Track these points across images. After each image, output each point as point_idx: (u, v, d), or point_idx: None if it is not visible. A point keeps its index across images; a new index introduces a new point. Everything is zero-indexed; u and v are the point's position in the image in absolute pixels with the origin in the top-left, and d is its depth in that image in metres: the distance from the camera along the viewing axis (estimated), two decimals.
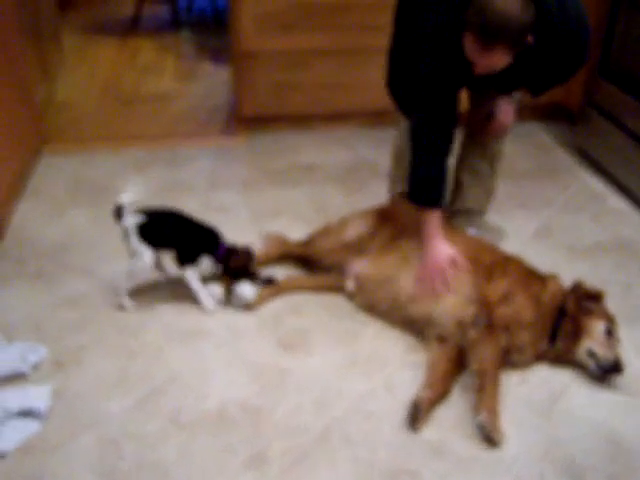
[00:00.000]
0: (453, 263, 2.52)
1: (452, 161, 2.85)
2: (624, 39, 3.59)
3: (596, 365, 2.36)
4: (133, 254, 2.59)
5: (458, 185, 3.10)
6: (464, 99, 2.72)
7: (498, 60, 2.28)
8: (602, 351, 2.35)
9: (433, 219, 2.57)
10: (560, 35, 2.41)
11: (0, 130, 3.15)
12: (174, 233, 2.64)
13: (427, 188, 2.58)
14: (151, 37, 5.92)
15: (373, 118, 2.82)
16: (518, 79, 2.62)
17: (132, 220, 2.57)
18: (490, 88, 2.74)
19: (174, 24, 6.23)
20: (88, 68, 5.17)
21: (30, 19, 3.89)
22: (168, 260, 2.65)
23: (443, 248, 2.55)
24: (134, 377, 2.37)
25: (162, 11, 6.41)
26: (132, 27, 6.09)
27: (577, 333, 2.39)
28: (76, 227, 3.18)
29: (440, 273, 2.50)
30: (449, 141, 2.54)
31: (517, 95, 2.80)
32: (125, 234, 2.58)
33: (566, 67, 2.57)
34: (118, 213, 2.59)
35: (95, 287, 2.79)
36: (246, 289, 2.63)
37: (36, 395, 2.26)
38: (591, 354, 2.37)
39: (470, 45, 2.27)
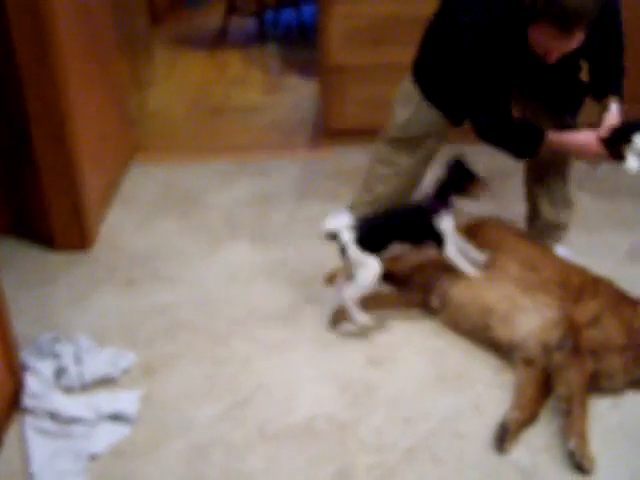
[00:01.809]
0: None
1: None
2: None
3: None
4: (357, 267, 2.55)
5: (531, 199, 3.04)
6: None
7: (575, 42, 2.28)
8: None
9: (554, 136, 2.53)
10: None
11: (93, 138, 3.25)
12: (394, 228, 2.63)
13: (529, 138, 2.55)
14: (238, 50, 6.02)
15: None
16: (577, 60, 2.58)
17: (347, 235, 2.53)
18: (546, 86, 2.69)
19: (261, 37, 6.30)
20: (178, 80, 5.30)
21: (125, 34, 4.01)
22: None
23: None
24: (222, 386, 2.40)
25: (249, 24, 6.50)
26: (219, 40, 6.20)
27: None
28: (165, 236, 3.25)
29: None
30: (509, 108, 2.55)
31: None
32: (343, 251, 2.55)
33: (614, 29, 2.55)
34: (331, 236, 2.57)
35: (184, 295, 2.84)
36: None
37: (126, 400, 2.32)
38: None
39: (544, 35, 2.26)
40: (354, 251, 2.51)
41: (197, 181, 3.74)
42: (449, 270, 2.63)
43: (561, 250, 3.02)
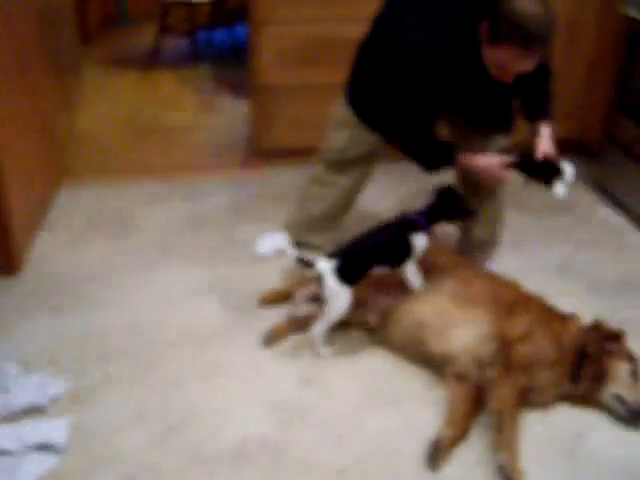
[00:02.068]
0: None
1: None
2: None
3: (625, 409, 2.33)
4: (332, 299, 2.51)
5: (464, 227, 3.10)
6: None
7: (535, 62, 2.38)
8: (630, 395, 2.32)
9: (460, 160, 2.66)
10: None
11: (21, 161, 3.18)
12: (372, 255, 2.59)
13: (440, 155, 2.67)
14: (171, 70, 5.98)
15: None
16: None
17: (326, 265, 2.49)
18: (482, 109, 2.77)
19: (194, 57, 6.29)
20: (108, 100, 5.23)
21: (52, 52, 3.94)
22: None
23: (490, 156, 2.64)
24: (153, 412, 2.36)
25: (182, 44, 6.48)
26: (152, 60, 6.16)
27: (600, 376, 2.36)
28: (96, 259, 3.20)
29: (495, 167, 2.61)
30: (430, 126, 2.66)
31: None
32: (320, 280, 2.51)
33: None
34: (304, 263, 2.55)
35: (115, 320, 2.79)
36: None
37: (54, 429, 2.26)
38: (618, 398, 2.34)
39: (507, 56, 2.34)
40: (332, 282, 2.48)
41: (128, 203, 3.69)
42: (385, 288, 2.65)
43: (491, 266, 3.07)
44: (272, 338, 2.67)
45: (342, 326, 2.68)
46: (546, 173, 2.66)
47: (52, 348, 2.63)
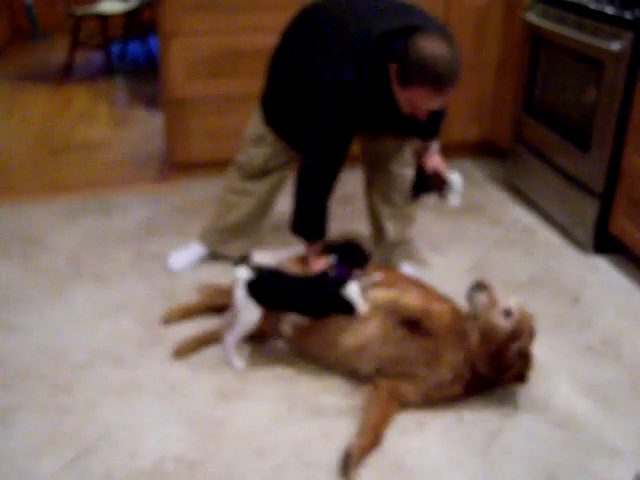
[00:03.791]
0: None
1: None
2: (545, 78, 3.70)
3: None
4: (240, 309, 2.49)
5: (376, 219, 3.13)
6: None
7: (446, 99, 2.43)
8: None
9: (316, 247, 2.70)
10: None
11: None
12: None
13: (313, 225, 2.70)
14: (84, 84, 5.89)
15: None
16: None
17: (243, 274, 2.48)
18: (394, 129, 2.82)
19: (107, 71, 6.21)
20: (19, 117, 5.11)
21: None
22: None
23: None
24: (65, 436, 2.30)
25: (95, 58, 6.39)
26: (65, 74, 6.05)
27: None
28: (4, 281, 3.10)
29: None
30: (335, 183, 2.66)
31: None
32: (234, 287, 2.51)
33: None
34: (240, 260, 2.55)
35: (24, 343, 2.71)
36: None
37: None
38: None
39: (419, 97, 2.37)
40: (242, 293, 2.47)
41: (38, 222, 3.61)
42: None
43: (407, 268, 3.11)
44: (182, 351, 2.64)
45: (259, 336, 2.67)
46: (437, 186, 2.86)
47: None
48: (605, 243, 3.38)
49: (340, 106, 2.48)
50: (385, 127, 2.77)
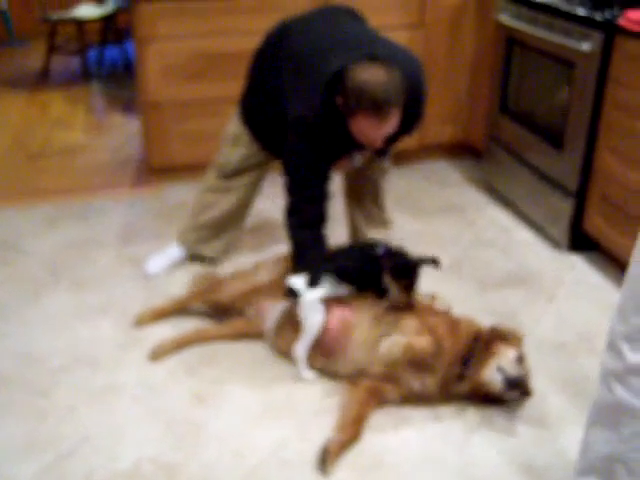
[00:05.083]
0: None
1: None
2: (519, 78, 3.74)
3: (503, 378, 2.35)
4: (308, 314, 2.50)
5: (352, 221, 3.20)
6: None
7: (394, 123, 2.45)
8: (512, 369, 2.36)
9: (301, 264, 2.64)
10: (416, 93, 2.59)
11: None
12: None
13: (315, 259, 2.63)
14: (61, 90, 5.88)
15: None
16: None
17: (300, 282, 2.50)
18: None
19: (84, 76, 6.19)
20: None
21: None
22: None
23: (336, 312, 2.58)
24: (43, 440, 2.30)
25: (72, 63, 6.37)
26: (41, 80, 6.03)
27: (489, 356, 2.39)
28: None
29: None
30: (325, 214, 2.66)
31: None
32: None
33: (416, 119, 2.71)
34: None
35: (2, 349, 2.71)
36: None
37: None
38: (500, 369, 2.36)
39: (365, 125, 2.41)
40: (302, 299, 2.48)
41: (15, 228, 3.60)
42: (278, 296, 2.66)
43: None
44: (160, 354, 2.65)
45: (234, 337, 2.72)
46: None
47: None
48: (580, 241, 3.42)
49: (302, 139, 2.55)
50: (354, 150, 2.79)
